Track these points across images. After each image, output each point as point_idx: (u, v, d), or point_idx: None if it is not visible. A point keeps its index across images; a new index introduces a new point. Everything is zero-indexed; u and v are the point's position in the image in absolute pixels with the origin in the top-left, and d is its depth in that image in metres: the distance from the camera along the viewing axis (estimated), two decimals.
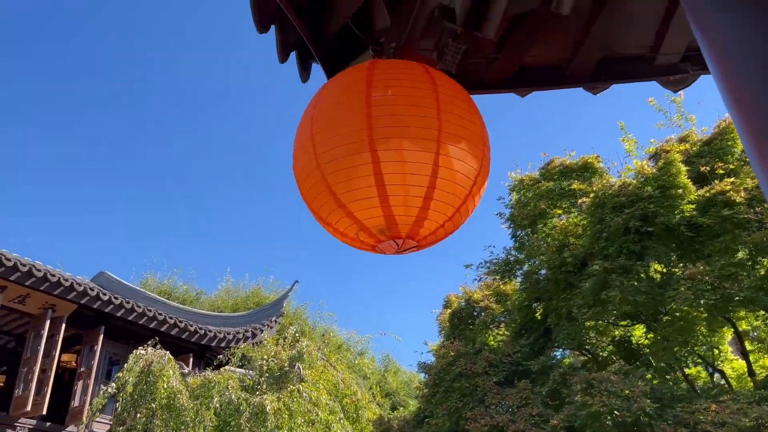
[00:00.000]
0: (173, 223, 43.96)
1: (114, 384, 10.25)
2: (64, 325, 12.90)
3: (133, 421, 9.75)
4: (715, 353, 11.79)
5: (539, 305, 12.43)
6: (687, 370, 11.73)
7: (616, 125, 15.47)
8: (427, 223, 2.16)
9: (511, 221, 13.32)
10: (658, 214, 9.84)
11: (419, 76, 2.22)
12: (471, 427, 10.22)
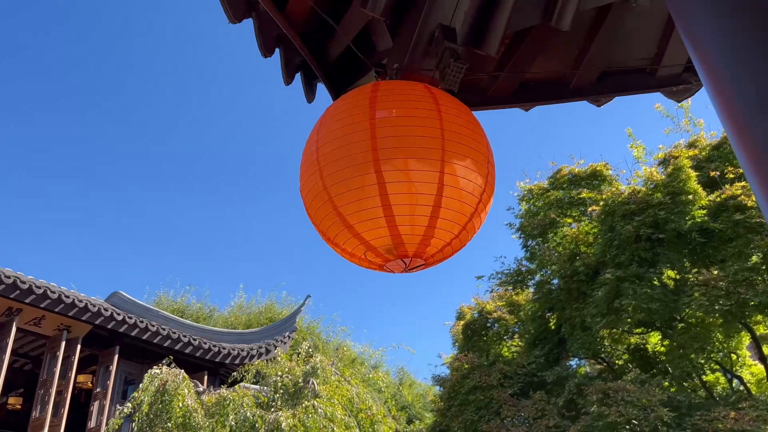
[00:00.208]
0: (185, 242, 44.19)
1: (129, 404, 10.25)
2: (79, 346, 12.97)
3: None
4: (733, 359, 11.64)
5: (552, 315, 12.36)
6: (705, 377, 11.61)
7: (623, 132, 15.44)
8: (434, 241, 2.18)
9: (521, 231, 13.30)
10: (669, 220, 9.80)
11: (422, 96, 2.25)
12: None
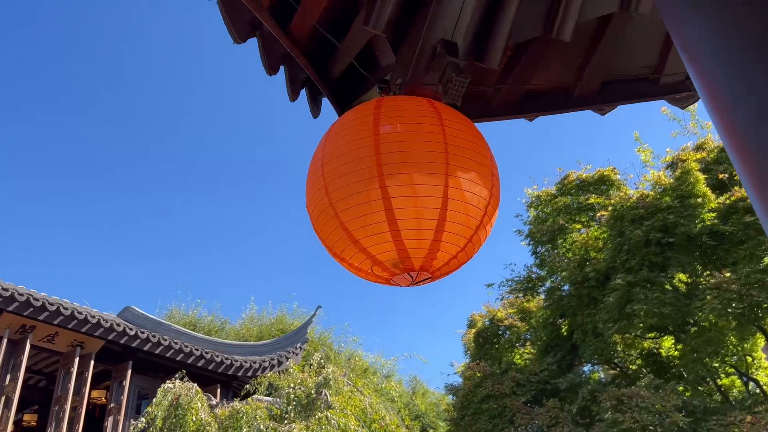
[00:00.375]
0: (195, 255, 44.38)
1: (143, 419, 10.30)
2: (92, 361, 13.04)
3: None
4: (748, 361, 11.54)
5: (564, 321, 12.32)
6: (720, 381, 11.51)
7: (630, 136, 15.40)
8: (439, 254, 2.20)
9: (530, 238, 13.27)
10: (679, 224, 9.75)
11: (425, 110, 2.27)
12: None
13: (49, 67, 39.30)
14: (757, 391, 11.18)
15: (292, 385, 11.62)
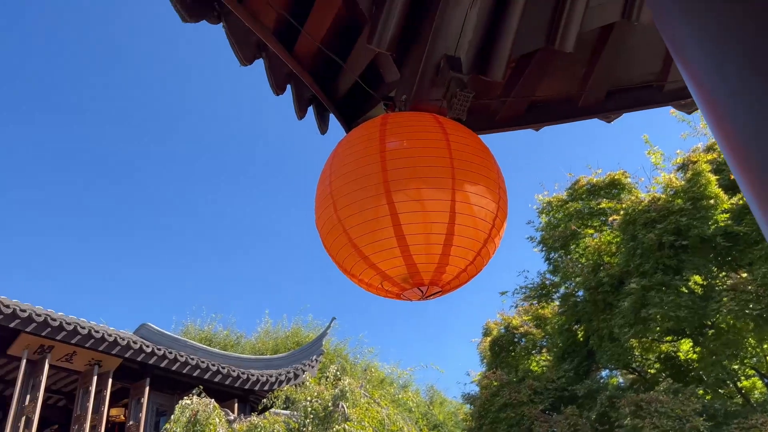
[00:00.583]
0: (208, 268, 44.55)
1: None
2: (110, 379, 13.12)
3: None
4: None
5: (580, 327, 12.25)
6: (740, 383, 11.38)
7: (640, 139, 15.34)
8: (449, 268, 2.21)
9: (542, 244, 13.23)
10: (692, 226, 9.69)
11: (430, 126, 2.30)
12: None
13: (50, 67, 39.45)
14: None
15: (308, 398, 11.62)
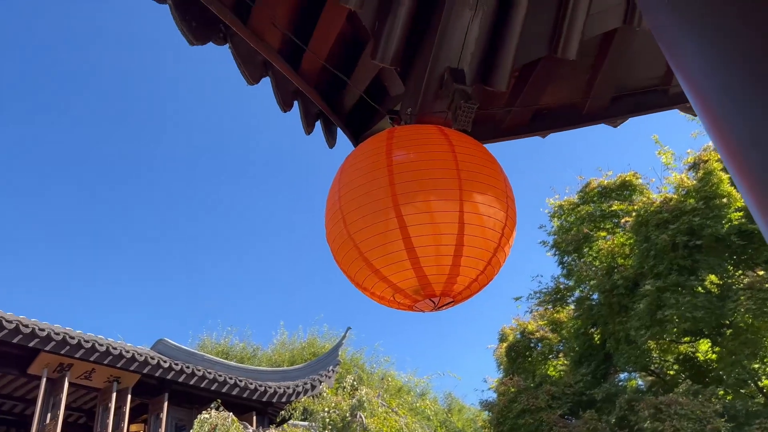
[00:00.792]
0: (221, 281, 44.73)
1: None
2: (129, 396, 13.20)
3: None
4: None
5: (596, 331, 12.18)
6: (761, 383, 11.24)
7: (650, 139, 15.26)
8: (460, 279, 2.23)
9: (555, 248, 13.18)
10: (705, 225, 9.62)
11: (435, 138, 2.32)
12: None
13: (49, 67, 39.73)
14: None
15: (326, 409, 11.63)
